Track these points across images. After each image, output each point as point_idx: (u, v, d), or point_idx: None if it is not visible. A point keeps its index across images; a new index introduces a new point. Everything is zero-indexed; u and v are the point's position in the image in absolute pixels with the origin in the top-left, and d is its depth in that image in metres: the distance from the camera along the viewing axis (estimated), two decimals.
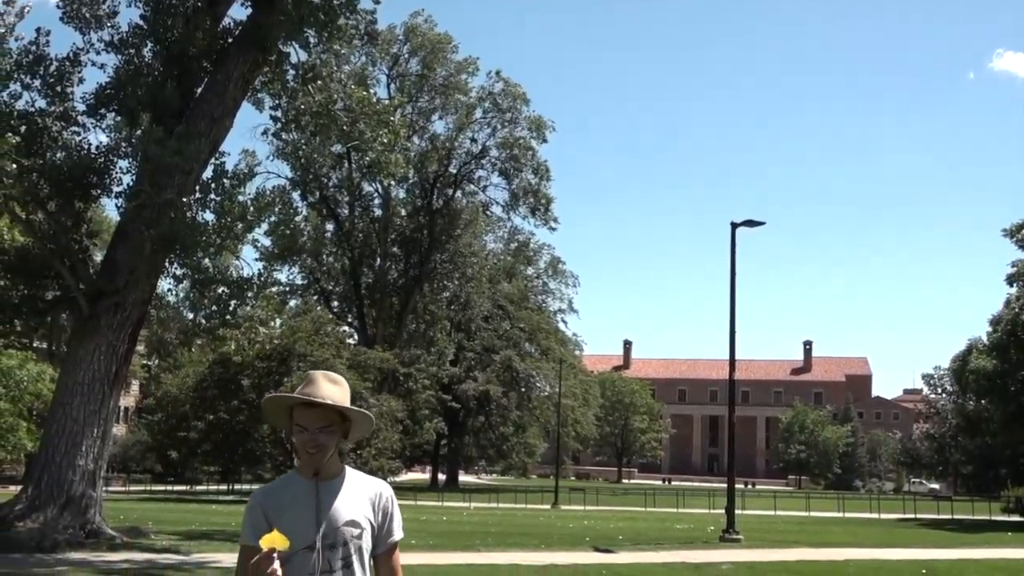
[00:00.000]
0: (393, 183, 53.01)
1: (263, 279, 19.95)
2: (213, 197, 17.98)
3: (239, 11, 20.86)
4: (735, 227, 25.76)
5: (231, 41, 20.10)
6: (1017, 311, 39.47)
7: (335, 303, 61.57)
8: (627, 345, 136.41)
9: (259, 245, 43.71)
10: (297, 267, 58.82)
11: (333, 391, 2.97)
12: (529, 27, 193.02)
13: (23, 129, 17.27)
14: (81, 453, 17.27)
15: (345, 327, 57.50)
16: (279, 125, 21.90)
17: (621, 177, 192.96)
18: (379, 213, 61.36)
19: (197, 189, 18.26)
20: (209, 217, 18.14)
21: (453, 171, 60.57)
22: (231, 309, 18.85)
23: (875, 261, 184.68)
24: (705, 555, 19.01)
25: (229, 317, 19.01)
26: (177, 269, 18.79)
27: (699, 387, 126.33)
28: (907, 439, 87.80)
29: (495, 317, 66.38)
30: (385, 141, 20.99)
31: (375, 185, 58.13)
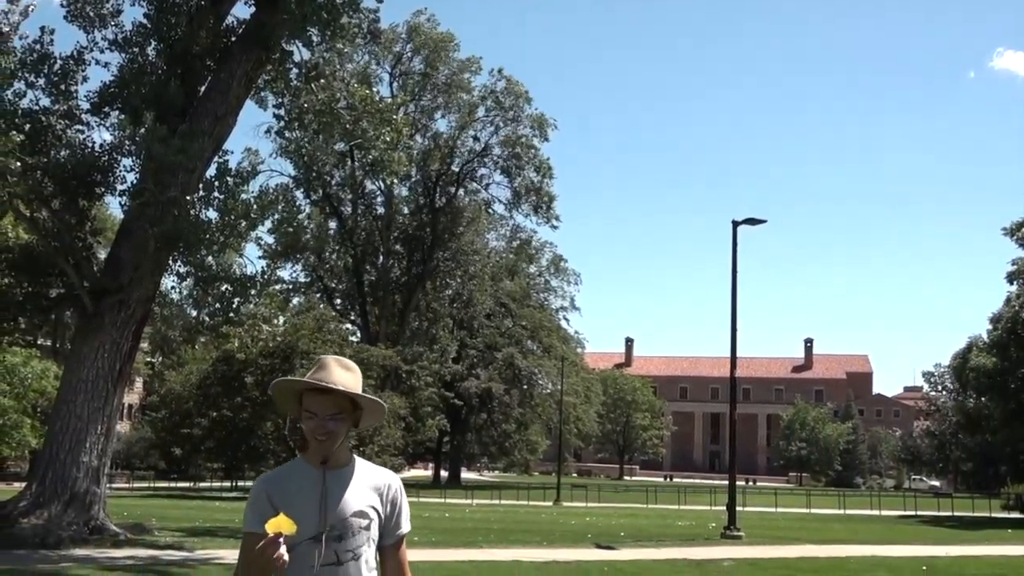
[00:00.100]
0: (396, 181, 53.05)
1: (266, 277, 20.03)
2: (216, 195, 18.04)
3: (242, 10, 20.99)
4: (736, 225, 25.84)
5: (234, 40, 20.15)
6: (1017, 309, 39.49)
7: (338, 301, 61.69)
8: (629, 343, 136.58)
9: (262, 243, 43.54)
10: (300, 265, 58.88)
11: (345, 377, 2.87)
12: (531, 26, 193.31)
13: (27, 127, 17.33)
14: (85, 450, 17.34)
15: (348, 325, 57.69)
16: (282, 123, 21.96)
17: (623, 175, 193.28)
18: (382, 211, 61.48)
19: (201, 187, 18.32)
20: (212, 215, 18.22)
21: (455, 169, 60.70)
22: (234, 307, 18.92)
23: (876, 259, 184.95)
24: (706, 552, 19.06)
25: (232, 315, 19.10)
26: (181, 267, 18.82)
27: (700, 384, 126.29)
28: (908, 436, 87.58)
29: (497, 315, 66.40)
30: (388, 139, 21.03)
31: (378, 183, 58.28)
